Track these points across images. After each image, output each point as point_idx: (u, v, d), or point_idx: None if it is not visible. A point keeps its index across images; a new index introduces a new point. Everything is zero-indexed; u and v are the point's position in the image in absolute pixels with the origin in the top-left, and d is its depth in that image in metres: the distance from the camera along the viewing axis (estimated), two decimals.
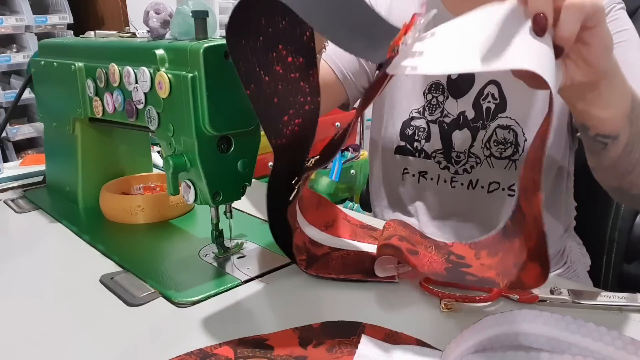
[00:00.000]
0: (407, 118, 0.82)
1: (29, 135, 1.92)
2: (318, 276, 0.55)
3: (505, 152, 0.76)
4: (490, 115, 0.77)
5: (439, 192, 0.81)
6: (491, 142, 0.77)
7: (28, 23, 1.85)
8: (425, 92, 0.81)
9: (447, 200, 0.81)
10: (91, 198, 0.76)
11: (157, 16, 0.56)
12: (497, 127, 0.76)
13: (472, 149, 0.78)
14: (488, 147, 0.77)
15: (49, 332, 0.47)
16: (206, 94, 0.49)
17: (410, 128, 0.82)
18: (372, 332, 0.45)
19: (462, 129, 0.79)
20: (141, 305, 0.51)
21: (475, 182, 0.79)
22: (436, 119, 0.80)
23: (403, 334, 0.45)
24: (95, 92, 0.66)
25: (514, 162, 0.76)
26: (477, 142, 0.78)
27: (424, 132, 0.81)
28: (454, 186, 0.80)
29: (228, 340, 0.44)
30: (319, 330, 0.46)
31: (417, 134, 0.82)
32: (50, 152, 0.84)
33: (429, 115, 0.81)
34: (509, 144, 0.76)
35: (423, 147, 0.81)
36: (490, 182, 0.78)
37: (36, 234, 0.70)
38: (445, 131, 0.80)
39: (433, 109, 0.81)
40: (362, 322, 0.47)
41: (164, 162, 0.54)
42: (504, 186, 0.78)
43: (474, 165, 0.78)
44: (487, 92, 0.77)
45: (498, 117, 0.76)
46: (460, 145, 0.79)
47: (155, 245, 0.65)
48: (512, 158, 0.76)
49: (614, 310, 0.48)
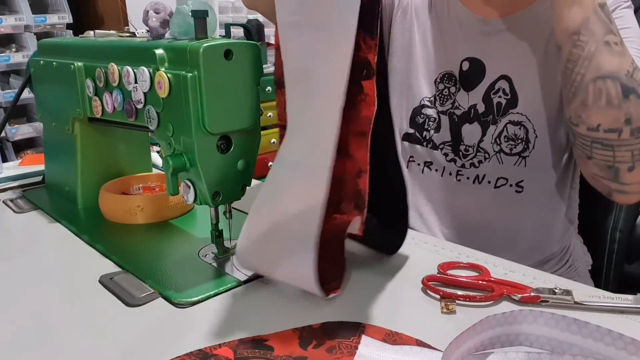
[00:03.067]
0: (418, 105, 0.82)
1: (28, 135, 1.92)
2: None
3: (515, 149, 0.76)
4: (502, 111, 0.77)
5: (443, 185, 0.81)
6: (501, 137, 0.77)
7: (27, 23, 1.85)
8: (437, 81, 0.81)
9: (451, 193, 0.81)
10: (90, 198, 0.75)
11: (156, 16, 0.56)
12: (508, 123, 0.76)
13: (482, 143, 0.78)
14: (498, 142, 0.77)
15: (48, 333, 0.47)
16: (206, 93, 0.49)
17: (421, 116, 0.82)
18: (372, 332, 0.45)
19: (472, 122, 0.79)
20: (140, 306, 0.51)
21: (482, 177, 0.79)
22: (447, 110, 0.80)
23: (403, 334, 0.45)
24: (94, 92, 0.66)
25: (524, 158, 0.76)
26: (487, 137, 0.78)
27: (435, 122, 0.81)
28: (459, 179, 0.80)
29: (228, 341, 0.44)
30: (319, 330, 0.45)
31: (428, 123, 0.81)
32: (49, 152, 0.84)
33: (440, 106, 0.81)
34: (519, 140, 0.76)
35: (432, 137, 0.81)
36: (498, 178, 0.78)
37: (35, 234, 0.70)
38: (455, 123, 0.80)
39: (444, 100, 0.80)
40: (362, 322, 0.46)
41: (163, 162, 0.54)
42: (511, 182, 0.77)
43: (482, 160, 0.78)
44: (498, 86, 0.77)
45: (509, 113, 0.76)
46: (470, 139, 0.79)
47: (154, 246, 0.65)
48: (523, 155, 0.76)
49: (616, 312, 0.48)
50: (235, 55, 0.50)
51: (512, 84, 0.76)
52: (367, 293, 0.53)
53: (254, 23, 2.49)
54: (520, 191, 0.77)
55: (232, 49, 0.50)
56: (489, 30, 0.78)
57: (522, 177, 0.77)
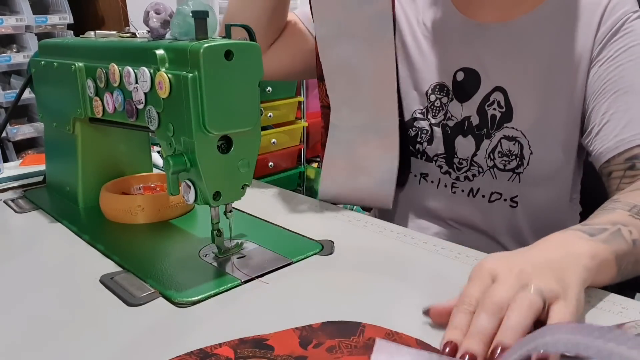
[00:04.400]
0: (410, 118, 0.81)
1: (29, 135, 1.92)
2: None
3: (509, 165, 0.74)
4: (496, 124, 0.75)
5: (439, 195, 0.80)
6: (495, 153, 0.75)
7: (28, 23, 1.85)
8: (429, 93, 0.80)
9: (447, 204, 0.80)
10: (91, 198, 0.76)
11: (157, 16, 0.56)
12: (503, 138, 0.74)
13: (475, 157, 0.76)
14: (492, 158, 0.75)
15: (48, 332, 0.47)
16: (206, 94, 0.49)
17: (413, 129, 0.81)
18: (372, 331, 0.45)
19: (466, 135, 0.77)
20: (141, 305, 0.51)
21: (477, 190, 0.78)
22: (439, 121, 0.79)
23: (403, 334, 0.45)
24: (95, 92, 0.66)
25: (518, 174, 0.74)
26: (480, 151, 0.76)
27: (427, 134, 0.79)
28: (454, 192, 0.79)
29: (228, 341, 0.44)
30: (319, 330, 0.46)
31: (420, 135, 0.80)
32: (50, 152, 0.84)
33: (432, 118, 0.79)
34: (513, 156, 0.74)
35: (425, 149, 0.80)
36: (492, 192, 0.77)
37: (36, 234, 0.70)
38: (448, 135, 0.78)
39: (436, 111, 0.79)
40: (362, 322, 0.47)
41: (164, 162, 0.54)
42: (505, 197, 0.76)
43: (476, 174, 0.77)
44: (493, 98, 0.75)
45: (504, 127, 0.74)
46: (464, 152, 0.77)
47: (155, 245, 0.65)
48: (517, 171, 0.74)
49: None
50: (236, 55, 0.50)
51: (507, 96, 0.74)
52: (367, 292, 0.53)
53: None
54: (515, 206, 0.76)
55: (233, 49, 0.50)
56: (486, 36, 0.75)
57: (516, 193, 0.75)
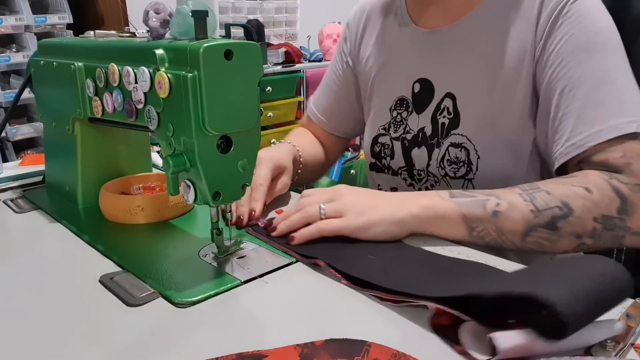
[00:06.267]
0: (376, 134, 0.84)
1: (29, 135, 1.92)
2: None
3: (459, 172, 0.74)
4: (445, 132, 0.75)
5: None
6: (444, 161, 0.75)
7: (27, 23, 1.85)
8: (392, 109, 0.81)
9: None
10: (91, 198, 0.75)
11: (156, 16, 0.56)
12: (450, 146, 0.74)
13: (430, 167, 0.77)
14: (442, 167, 0.76)
15: (48, 332, 0.47)
16: (206, 94, 0.49)
17: (377, 145, 0.83)
18: (378, 352, 0.42)
19: (420, 146, 0.78)
20: (141, 305, 0.51)
21: None
22: (399, 136, 0.80)
23: (411, 356, 0.42)
24: (94, 92, 0.66)
25: (469, 181, 0.74)
26: (432, 161, 0.77)
27: (388, 149, 0.82)
28: None
29: (226, 355, 0.43)
30: (321, 348, 0.43)
31: (383, 151, 0.82)
32: (49, 152, 0.84)
33: (393, 132, 0.81)
34: (461, 163, 0.74)
35: (389, 164, 0.82)
36: None
37: (36, 234, 0.70)
38: (406, 148, 0.80)
39: (397, 126, 0.80)
40: (367, 340, 0.44)
41: (163, 162, 0.54)
42: None
43: (434, 184, 0.78)
44: (443, 105, 0.75)
45: (451, 134, 0.74)
46: (420, 163, 0.78)
47: (154, 245, 0.65)
48: (467, 177, 0.74)
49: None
50: (236, 55, 0.50)
51: (455, 102, 0.74)
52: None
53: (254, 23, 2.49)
54: None
55: (232, 49, 0.50)
56: (435, 42, 0.76)
57: None
